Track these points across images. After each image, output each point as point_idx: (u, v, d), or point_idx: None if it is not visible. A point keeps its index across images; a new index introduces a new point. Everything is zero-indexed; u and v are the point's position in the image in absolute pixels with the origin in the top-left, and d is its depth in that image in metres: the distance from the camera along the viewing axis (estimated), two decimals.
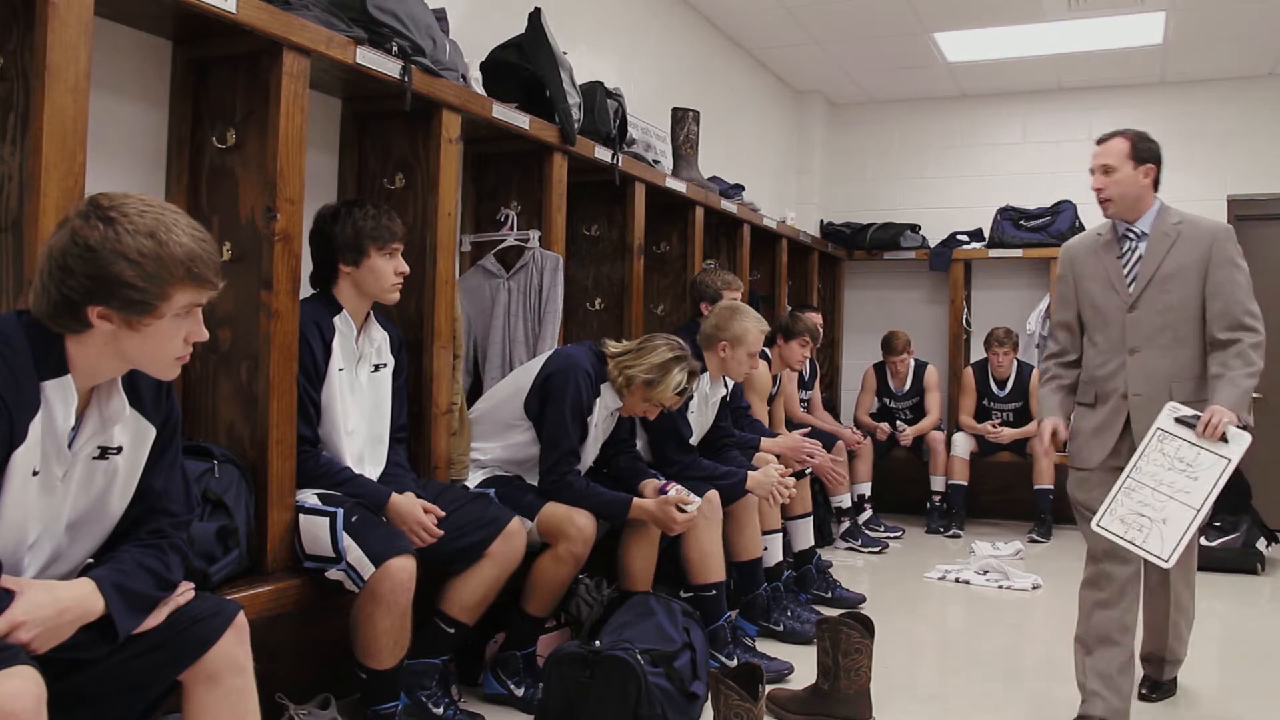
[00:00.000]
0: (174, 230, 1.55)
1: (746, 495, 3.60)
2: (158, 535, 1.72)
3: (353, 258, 2.56)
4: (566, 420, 3.01)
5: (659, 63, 5.08)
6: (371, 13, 2.69)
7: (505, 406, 3.14)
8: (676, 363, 3.10)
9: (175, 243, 1.55)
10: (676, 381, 3.08)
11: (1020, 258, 6.57)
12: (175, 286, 1.55)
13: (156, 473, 1.74)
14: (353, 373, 2.60)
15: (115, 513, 1.71)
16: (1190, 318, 2.88)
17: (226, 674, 1.69)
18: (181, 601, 1.70)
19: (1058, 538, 5.82)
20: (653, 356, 3.09)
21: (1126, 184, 2.89)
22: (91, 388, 1.64)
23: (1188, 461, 2.70)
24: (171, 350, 1.62)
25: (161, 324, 1.57)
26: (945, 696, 3.20)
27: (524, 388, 3.09)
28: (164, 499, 1.75)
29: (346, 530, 2.34)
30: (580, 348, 3.18)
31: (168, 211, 1.58)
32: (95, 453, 1.65)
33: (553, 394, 3.02)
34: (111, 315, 1.54)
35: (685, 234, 4.53)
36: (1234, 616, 4.33)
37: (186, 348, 1.64)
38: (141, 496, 1.73)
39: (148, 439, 1.72)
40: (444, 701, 2.67)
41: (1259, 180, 6.35)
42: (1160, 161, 2.96)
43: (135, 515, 1.73)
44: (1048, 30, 5.68)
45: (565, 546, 2.90)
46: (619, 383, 3.11)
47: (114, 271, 1.51)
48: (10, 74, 1.92)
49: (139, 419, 1.70)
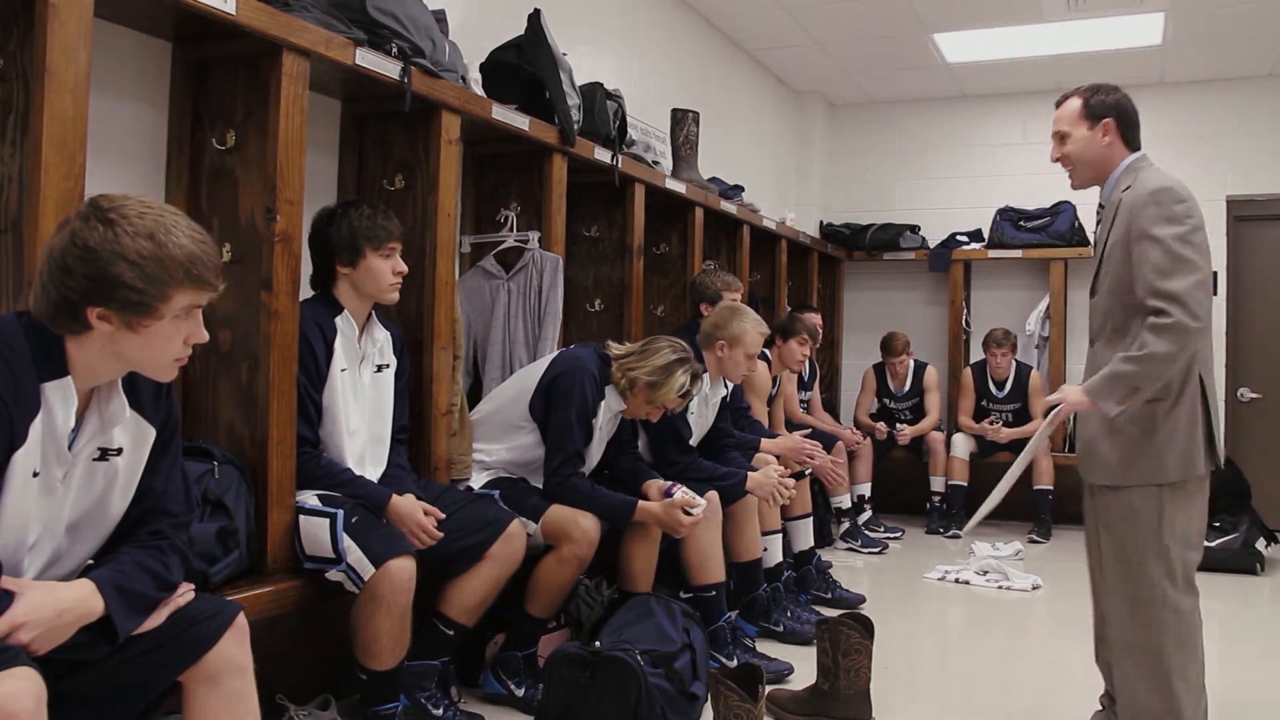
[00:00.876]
0: (173, 232, 1.55)
1: (746, 496, 3.60)
2: (158, 536, 1.72)
3: (349, 258, 2.56)
4: (572, 423, 3.01)
5: (658, 64, 5.08)
6: (371, 14, 2.70)
7: (510, 408, 3.14)
8: (679, 365, 3.09)
9: (175, 244, 1.55)
10: (680, 384, 3.08)
11: (1020, 258, 6.58)
12: (174, 288, 1.55)
13: (156, 474, 1.75)
14: (356, 373, 2.60)
15: (115, 514, 1.71)
16: (1123, 304, 2.44)
17: (226, 675, 1.69)
18: (182, 603, 1.70)
19: (1057, 538, 5.82)
20: (656, 359, 3.09)
21: (1083, 147, 2.54)
22: (91, 389, 1.64)
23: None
24: (170, 352, 1.62)
25: (161, 325, 1.57)
26: (945, 697, 3.20)
27: (529, 389, 3.09)
28: (163, 499, 1.76)
29: (346, 531, 2.34)
30: (585, 349, 3.18)
31: (167, 213, 1.58)
32: (95, 454, 1.65)
33: (558, 396, 3.02)
34: (111, 316, 1.54)
35: (685, 235, 4.53)
36: (1233, 616, 4.33)
37: (186, 349, 1.64)
38: (141, 497, 1.73)
39: (148, 440, 1.72)
40: (443, 703, 2.67)
41: (1258, 180, 6.35)
42: (1122, 113, 2.56)
43: (135, 516, 1.73)
44: (1047, 31, 5.69)
45: (570, 549, 2.90)
46: (622, 385, 3.10)
47: (113, 273, 1.51)
48: (10, 75, 1.92)
49: (139, 420, 1.70)
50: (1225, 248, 6.24)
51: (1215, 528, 5.10)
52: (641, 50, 4.93)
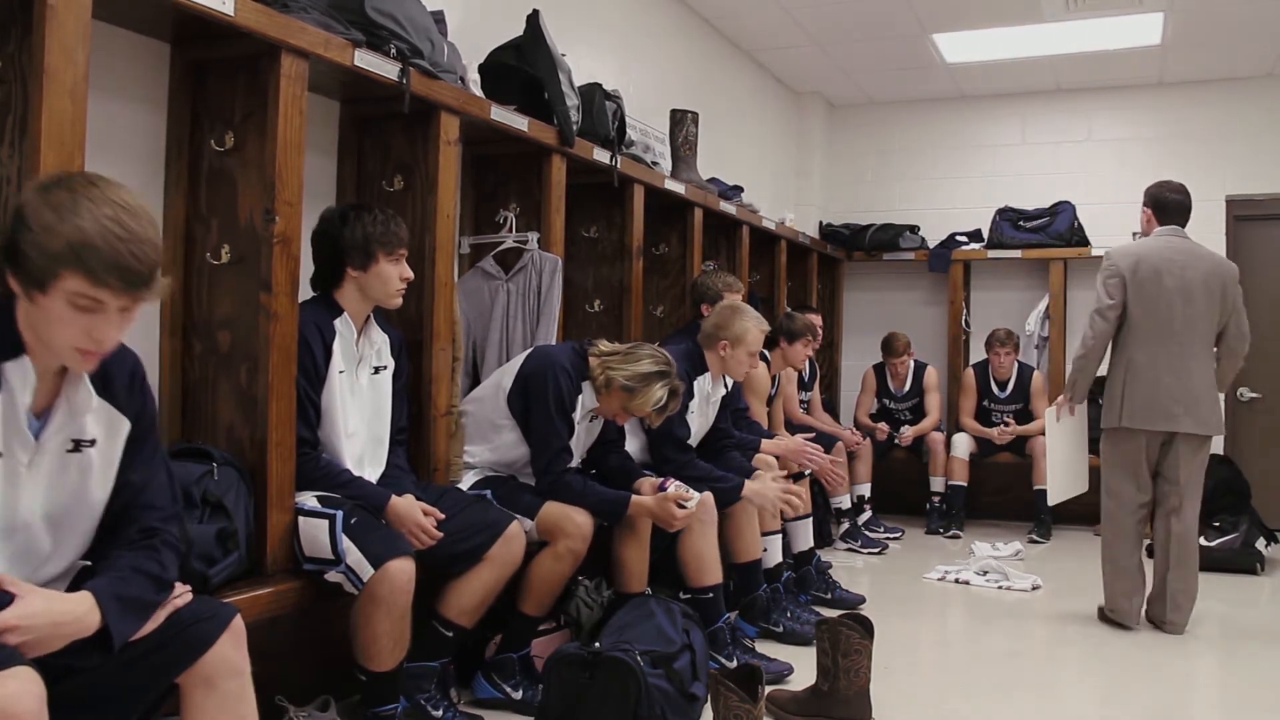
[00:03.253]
0: (84, 214, 1.48)
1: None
2: (149, 534, 1.71)
3: (361, 262, 2.56)
4: (553, 417, 3.00)
5: (658, 64, 5.08)
6: (370, 15, 2.70)
7: (488, 405, 3.13)
8: (660, 378, 3.04)
9: (73, 225, 1.47)
10: (657, 397, 3.03)
11: (1019, 258, 6.57)
12: (65, 269, 1.47)
13: (135, 467, 1.73)
14: (353, 375, 2.60)
15: (96, 506, 1.70)
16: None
17: (224, 677, 1.69)
18: (180, 604, 1.70)
19: (1057, 538, 5.82)
20: (638, 365, 3.04)
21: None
22: (62, 377, 1.63)
23: None
24: (66, 337, 1.53)
25: (52, 304, 1.50)
26: (945, 697, 3.20)
27: (505, 387, 3.08)
28: (146, 494, 1.74)
29: (346, 532, 2.34)
30: (560, 346, 3.17)
31: (109, 202, 1.50)
32: (68, 445, 1.65)
33: (534, 393, 3.01)
34: (15, 282, 1.53)
35: (684, 235, 4.53)
36: (1234, 616, 4.33)
37: (91, 343, 1.54)
38: (121, 491, 1.72)
39: (121, 431, 1.71)
40: (443, 704, 2.67)
41: (1258, 180, 6.35)
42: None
43: (119, 511, 1.72)
44: (1046, 31, 5.68)
45: (565, 544, 2.90)
46: (599, 381, 3.07)
47: (18, 237, 1.50)
48: (8, 77, 1.92)
49: (110, 410, 1.69)
50: (1225, 248, 6.23)
51: (1215, 527, 5.10)
52: (641, 51, 4.93)
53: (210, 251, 2.46)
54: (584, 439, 3.19)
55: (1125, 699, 3.19)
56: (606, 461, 3.29)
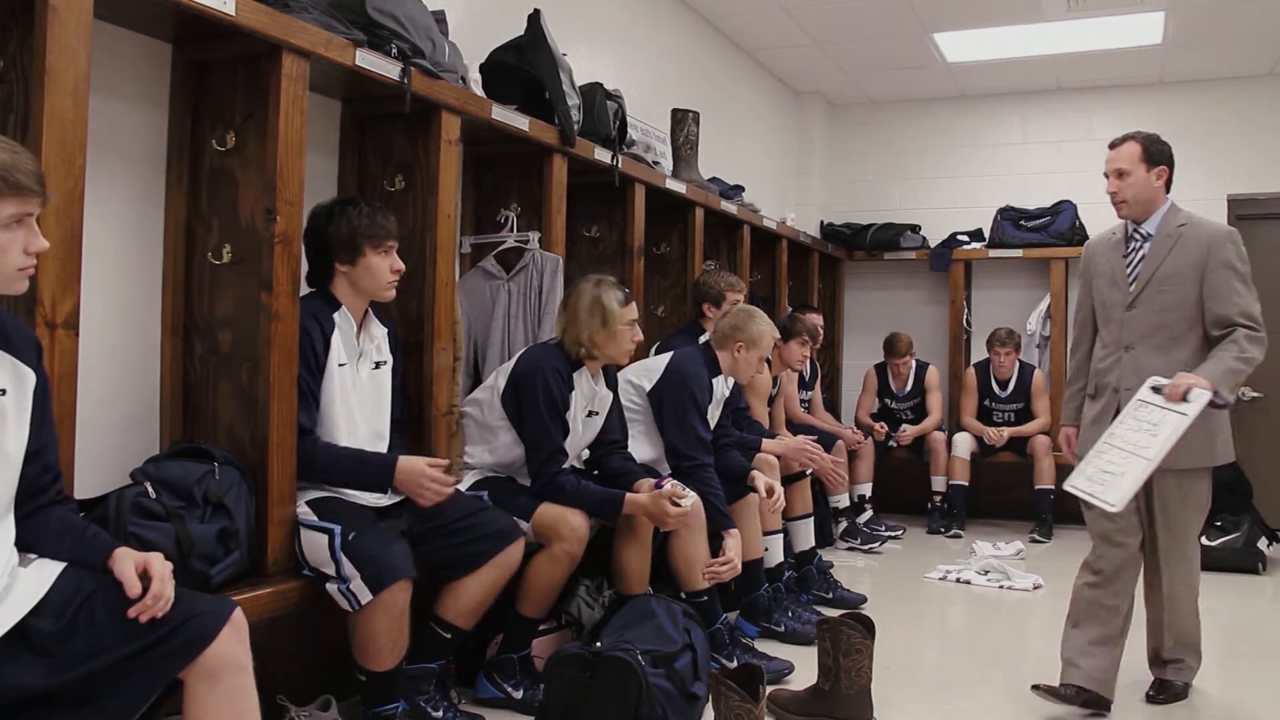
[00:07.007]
0: None
1: (748, 495, 3.61)
2: (65, 504, 1.80)
3: (349, 256, 2.55)
4: (545, 419, 2.99)
5: (658, 64, 5.08)
6: (371, 15, 2.70)
7: (485, 407, 3.12)
8: (600, 287, 3.08)
9: None
10: (616, 300, 3.07)
11: (1020, 258, 6.57)
12: None
13: (45, 424, 1.75)
14: (354, 369, 2.59)
15: (13, 457, 1.68)
16: (1186, 318, 2.98)
17: (226, 672, 1.69)
18: (165, 572, 1.69)
19: (1059, 538, 5.82)
20: (582, 303, 3.07)
21: (1140, 186, 3.01)
22: None
23: (1153, 422, 2.81)
24: (10, 262, 1.62)
25: None
26: (946, 697, 3.20)
27: (499, 388, 3.09)
28: (51, 453, 1.77)
29: (345, 551, 2.33)
30: (545, 345, 3.16)
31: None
32: None
33: (525, 395, 3.01)
34: None
35: (685, 235, 4.53)
36: (1234, 616, 4.33)
37: (29, 259, 1.64)
38: (38, 454, 1.73)
39: (28, 384, 1.71)
40: (443, 705, 2.67)
41: (1259, 180, 6.34)
42: (1172, 163, 3.07)
43: (33, 474, 1.73)
44: (1047, 30, 5.68)
45: (560, 546, 2.90)
46: (582, 352, 3.08)
47: None
48: (10, 77, 1.92)
49: (15, 363, 1.70)
50: None
51: (1217, 527, 5.10)
52: (641, 51, 4.93)
53: (211, 251, 2.46)
54: (582, 436, 3.19)
55: (1126, 699, 3.18)
56: (609, 463, 3.29)
